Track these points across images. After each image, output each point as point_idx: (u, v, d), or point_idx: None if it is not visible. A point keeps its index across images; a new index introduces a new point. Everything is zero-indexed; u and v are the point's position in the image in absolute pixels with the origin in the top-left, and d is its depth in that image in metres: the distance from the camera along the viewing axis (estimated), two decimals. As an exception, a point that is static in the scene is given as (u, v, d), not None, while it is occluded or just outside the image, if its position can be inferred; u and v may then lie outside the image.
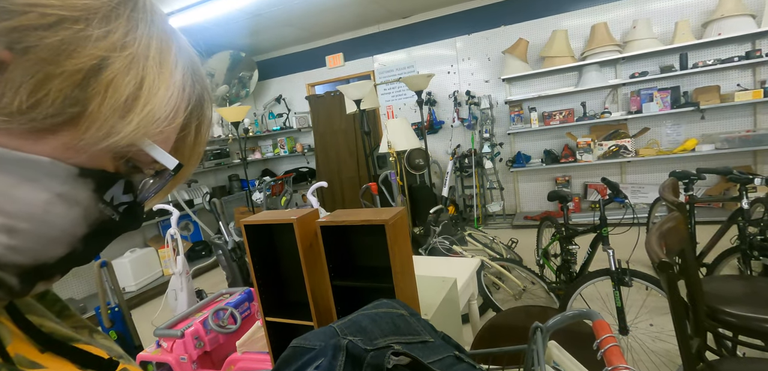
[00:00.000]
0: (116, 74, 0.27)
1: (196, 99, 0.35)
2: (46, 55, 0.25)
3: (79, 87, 0.26)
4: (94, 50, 0.26)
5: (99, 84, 0.27)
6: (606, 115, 4.18)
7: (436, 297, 1.52)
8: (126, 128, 0.28)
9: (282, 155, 6.03)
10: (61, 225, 0.28)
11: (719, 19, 3.67)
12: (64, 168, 0.27)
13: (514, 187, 4.96)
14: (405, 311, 0.76)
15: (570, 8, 4.37)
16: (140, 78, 0.29)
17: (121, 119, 0.28)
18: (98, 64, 0.26)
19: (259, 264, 1.41)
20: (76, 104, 0.26)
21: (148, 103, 0.29)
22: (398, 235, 1.17)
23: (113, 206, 0.31)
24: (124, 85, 0.28)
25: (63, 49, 0.25)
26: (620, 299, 1.88)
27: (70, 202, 0.28)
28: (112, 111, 0.27)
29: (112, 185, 0.30)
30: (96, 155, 0.29)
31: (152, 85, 0.29)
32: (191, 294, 2.98)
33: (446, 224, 2.87)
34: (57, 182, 0.27)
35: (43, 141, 0.26)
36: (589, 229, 2.17)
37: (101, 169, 0.30)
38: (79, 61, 0.26)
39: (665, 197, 1.41)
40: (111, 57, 0.27)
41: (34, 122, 0.25)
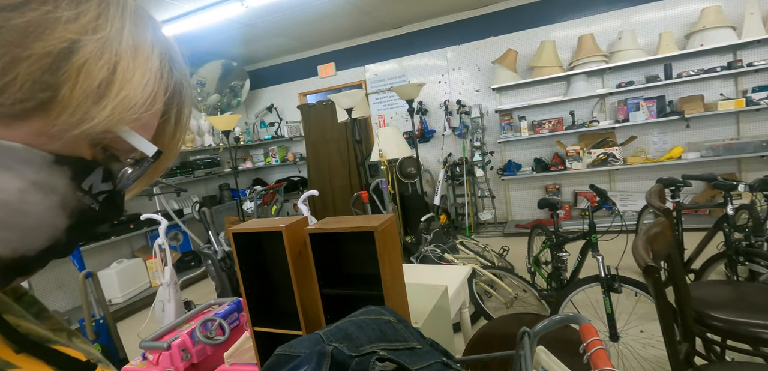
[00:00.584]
0: (88, 58, 0.26)
1: (174, 85, 0.34)
2: (12, 38, 0.24)
3: (49, 71, 0.25)
4: (63, 33, 0.25)
5: (70, 68, 0.26)
6: (594, 124, 4.25)
7: (427, 305, 1.51)
8: (100, 113, 0.27)
9: (273, 164, 6.00)
10: (38, 214, 0.27)
11: (701, 30, 3.77)
12: (38, 155, 0.26)
13: (505, 195, 4.99)
14: (393, 317, 0.75)
15: (558, 20, 4.46)
16: (114, 62, 0.28)
17: (94, 104, 0.27)
18: (68, 47, 0.26)
19: (247, 273, 1.39)
20: (47, 89, 0.25)
21: (122, 88, 0.28)
22: (388, 242, 1.17)
23: (92, 195, 0.30)
24: (96, 70, 0.27)
25: (30, 31, 0.24)
26: (610, 305, 1.89)
27: (45, 190, 0.27)
28: (85, 96, 0.27)
29: (89, 173, 0.30)
30: (71, 142, 0.28)
31: (127, 70, 0.29)
32: (179, 305, 2.93)
33: (437, 232, 2.87)
34: (31, 170, 0.26)
35: (15, 127, 0.26)
36: (578, 236, 2.18)
37: (78, 156, 0.29)
38: (48, 43, 0.25)
39: (652, 204, 1.42)
40: (82, 40, 0.26)
41: (2, 108, 0.25)
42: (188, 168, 4.95)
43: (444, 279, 1.90)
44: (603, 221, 3.73)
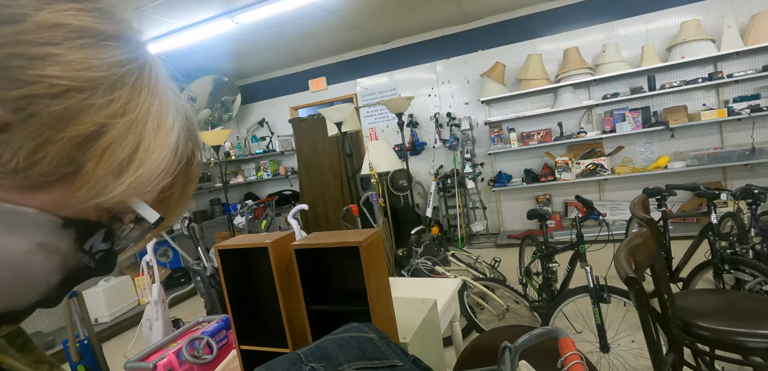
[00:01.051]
0: (114, 139, 0.28)
1: (187, 158, 0.36)
2: (49, 121, 0.25)
3: (77, 149, 0.27)
4: (95, 117, 0.27)
5: (97, 148, 0.27)
6: (582, 134, 4.31)
7: (416, 319, 1.50)
8: (118, 188, 0.29)
9: (265, 178, 5.97)
10: (37, 273, 0.28)
11: (682, 43, 3.87)
12: (49, 219, 0.28)
13: (496, 206, 5.01)
14: (374, 335, 0.74)
15: (543, 33, 4.55)
16: (137, 142, 0.29)
17: (114, 179, 0.29)
18: (98, 130, 0.27)
19: (234, 290, 1.38)
20: (72, 164, 0.27)
21: (141, 165, 0.30)
22: (373, 257, 1.16)
23: (90, 254, 0.31)
24: (120, 149, 0.28)
25: (66, 116, 0.26)
26: (600, 316, 1.89)
27: (49, 251, 0.28)
28: (107, 173, 0.28)
29: (93, 234, 0.31)
30: (82, 208, 0.29)
31: (148, 149, 0.30)
32: (167, 323, 2.88)
33: (428, 244, 2.87)
34: (40, 233, 0.27)
35: (35, 195, 0.27)
36: (567, 247, 2.20)
37: (84, 220, 0.30)
38: (80, 127, 0.26)
39: (635, 214, 1.44)
40: (111, 123, 0.28)
41: (27, 180, 0.26)
42: (178, 184, 4.91)
43: (434, 292, 1.89)
44: (592, 231, 3.76)
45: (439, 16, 4.45)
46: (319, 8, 3.65)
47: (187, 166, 0.36)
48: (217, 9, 3.29)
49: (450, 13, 4.39)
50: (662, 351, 1.06)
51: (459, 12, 4.40)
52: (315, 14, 3.78)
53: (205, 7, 3.24)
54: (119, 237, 0.34)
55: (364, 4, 3.73)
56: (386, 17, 4.23)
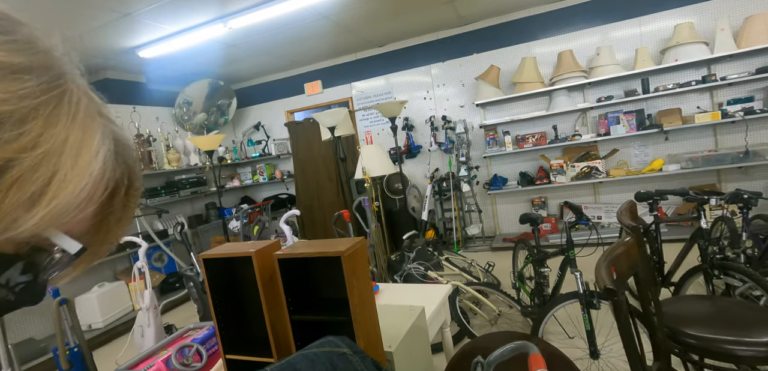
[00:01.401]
0: (23, 173, 0.27)
1: (115, 183, 0.35)
2: None
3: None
4: (1, 153, 0.26)
5: (3, 182, 0.26)
6: (577, 137, 4.31)
7: (402, 327, 1.50)
8: (28, 221, 0.28)
9: (261, 181, 5.97)
10: None
11: (675, 46, 3.87)
12: None
13: (492, 209, 5.01)
14: (348, 349, 0.74)
15: (538, 36, 4.55)
16: (51, 173, 0.28)
17: (25, 212, 0.27)
18: (4, 164, 0.26)
19: (219, 299, 1.37)
20: None
21: (55, 197, 0.28)
22: (356, 266, 1.16)
23: (8, 288, 0.30)
24: (31, 182, 0.27)
25: None
26: (590, 322, 1.89)
27: None
28: (15, 207, 0.27)
29: (8, 267, 0.30)
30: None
31: (63, 180, 0.29)
32: (159, 329, 2.87)
33: (421, 249, 2.86)
34: None
35: None
36: (558, 252, 2.19)
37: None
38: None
39: (621, 221, 1.44)
40: (19, 157, 0.27)
41: None
42: (174, 188, 4.90)
43: (423, 298, 1.89)
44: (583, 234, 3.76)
45: (434, 19, 4.45)
46: (313, 12, 3.65)
47: (115, 191, 0.35)
48: (209, 14, 3.29)
49: (445, 16, 4.40)
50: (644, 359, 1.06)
51: (454, 15, 4.41)
52: (309, 18, 3.78)
53: (197, 13, 3.24)
54: (45, 267, 0.32)
55: (359, 7, 3.73)
56: (381, 21, 4.23)
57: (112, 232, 0.37)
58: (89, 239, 0.35)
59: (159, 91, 5.20)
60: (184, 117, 5.45)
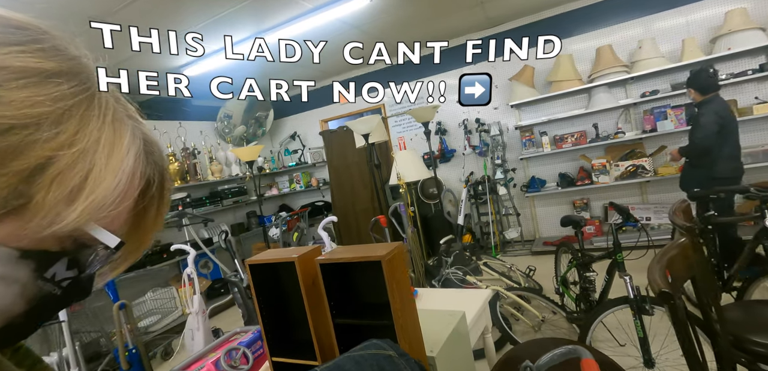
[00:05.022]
0: (62, 169, 0.29)
1: (147, 180, 0.37)
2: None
3: (24, 182, 0.28)
4: (41, 151, 0.28)
5: (44, 179, 0.28)
6: (620, 135, 4.11)
7: (443, 332, 1.49)
8: (70, 215, 0.29)
9: (298, 189, 6.13)
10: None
11: (727, 34, 3.61)
12: (5, 252, 0.28)
13: (531, 212, 4.87)
14: (393, 352, 0.75)
15: (573, 33, 4.40)
16: (87, 170, 0.30)
17: (66, 207, 0.29)
18: (45, 162, 0.28)
19: (265, 303, 1.42)
20: (21, 197, 0.28)
21: (92, 192, 0.30)
22: (396, 270, 1.17)
23: (54, 282, 0.32)
24: (69, 179, 0.29)
25: (10, 152, 0.27)
26: (642, 328, 1.79)
27: (8, 282, 0.29)
28: (57, 202, 0.29)
29: (54, 263, 0.32)
30: (39, 238, 0.30)
31: (99, 175, 0.31)
32: (208, 333, 3.01)
33: (458, 253, 2.83)
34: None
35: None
36: (604, 255, 2.10)
37: (43, 250, 0.31)
38: (26, 161, 0.27)
39: (674, 222, 1.36)
40: (58, 155, 0.29)
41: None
42: (217, 198, 5.15)
43: (463, 303, 1.86)
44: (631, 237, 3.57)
45: (463, 22, 4.42)
46: (344, 24, 3.74)
47: (147, 188, 0.37)
48: (247, 31, 3.45)
49: (475, 18, 4.36)
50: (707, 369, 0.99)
51: (483, 17, 4.36)
52: (341, 29, 3.87)
53: (235, 31, 3.41)
54: (89, 263, 0.34)
55: (389, 17, 3.78)
56: (412, 28, 4.25)
57: (147, 229, 0.39)
58: (127, 236, 0.36)
59: (202, 106, 5.49)
60: (225, 130, 5.72)
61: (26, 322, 0.32)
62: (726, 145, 2.80)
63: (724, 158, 2.80)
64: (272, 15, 3.25)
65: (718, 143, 2.79)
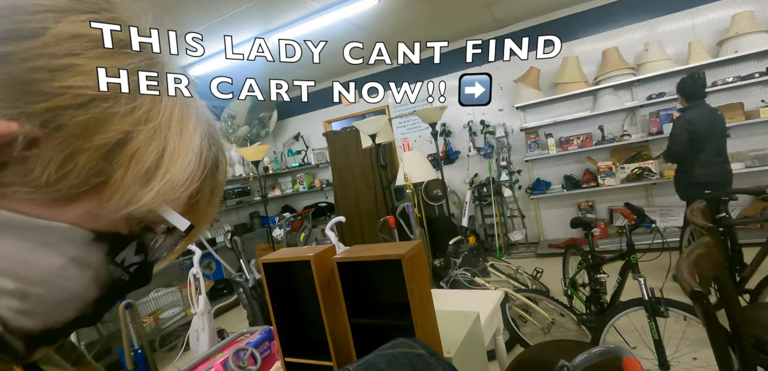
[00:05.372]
0: (139, 146, 0.28)
1: (211, 162, 0.36)
2: (76, 132, 0.26)
3: (105, 159, 0.27)
4: (120, 125, 0.27)
5: (124, 156, 0.28)
6: (626, 137, 4.10)
7: (459, 333, 1.47)
8: (146, 195, 0.29)
9: (301, 190, 6.12)
10: (71, 289, 0.28)
11: (734, 37, 3.61)
12: (80, 233, 0.28)
13: (535, 214, 4.85)
14: (423, 350, 0.73)
15: (579, 35, 4.39)
16: (162, 148, 0.29)
17: (142, 187, 0.29)
18: (124, 138, 0.27)
19: (277, 303, 1.40)
20: (101, 175, 0.27)
21: (168, 171, 0.30)
22: (415, 269, 1.15)
23: (123, 267, 0.31)
24: (146, 156, 0.29)
25: (92, 125, 0.26)
26: (657, 331, 1.77)
27: (82, 265, 0.28)
28: (134, 181, 0.28)
29: (124, 247, 0.31)
30: (113, 220, 0.29)
31: (173, 154, 0.30)
32: (213, 333, 2.99)
33: (467, 255, 2.81)
34: (72, 247, 0.28)
35: (66, 209, 0.27)
36: (616, 256, 2.08)
37: (116, 232, 0.30)
38: (107, 136, 0.27)
39: (694, 222, 1.35)
40: (135, 130, 0.28)
41: (59, 193, 0.26)
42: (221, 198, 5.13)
43: (475, 304, 1.85)
44: (642, 238, 3.55)
45: (470, 24, 4.42)
46: (350, 24, 3.73)
47: (212, 171, 0.36)
48: (254, 31, 3.44)
49: (482, 20, 4.35)
50: (734, 370, 0.98)
51: (490, 19, 4.35)
52: (347, 30, 3.86)
53: (243, 30, 3.40)
54: (152, 248, 0.33)
55: (395, 18, 3.77)
56: (418, 29, 4.24)
57: (204, 213, 0.38)
58: (191, 218, 0.35)
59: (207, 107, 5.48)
60: (228, 130, 5.71)
61: (95, 310, 0.31)
62: (702, 151, 2.88)
63: (699, 164, 2.90)
64: (280, 14, 3.25)
65: (693, 150, 2.89)
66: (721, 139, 2.91)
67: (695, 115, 2.89)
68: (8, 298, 0.26)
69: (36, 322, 0.28)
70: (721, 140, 2.90)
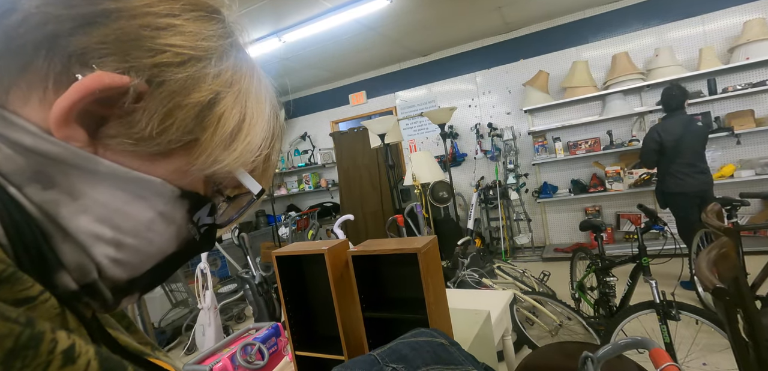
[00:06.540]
0: (226, 108, 0.30)
1: (276, 132, 0.37)
2: (176, 88, 0.27)
3: (197, 118, 0.28)
4: (211, 86, 0.29)
5: (213, 116, 0.29)
6: (634, 142, 4.08)
7: (470, 332, 1.47)
8: (229, 157, 0.30)
9: (307, 190, 6.13)
10: (157, 242, 0.30)
11: (746, 43, 3.59)
12: (169, 189, 0.29)
13: (542, 218, 4.83)
14: (445, 340, 0.73)
15: (589, 40, 4.39)
16: (243, 112, 0.31)
17: (225, 149, 0.30)
18: (213, 98, 0.29)
19: (289, 297, 1.41)
20: (192, 133, 0.29)
21: (248, 134, 0.31)
22: (430, 264, 1.15)
23: (198, 227, 0.33)
24: (231, 118, 0.30)
25: (189, 84, 0.28)
26: (668, 334, 1.76)
27: (168, 220, 0.30)
28: (220, 141, 0.30)
29: (201, 207, 0.32)
30: (195, 180, 0.31)
31: (252, 119, 0.32)
32: (219, 329, 3.00)
33: (474, 256, 2.81)
34: (162, 202, 0.29)
35: (158, 164, 0.29)
36: (627, 260, 2.07)
37: (196, 192, 0.32)
38: (200, 95, 0.28)
39: (710, 224, 1.34)
40: (222, 92, 0.29)
41: (158, 147, 0.28)
42: (226, 196, 5.15)
43: (484, 304, 1.84)
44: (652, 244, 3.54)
45: (480, 27, 4.42)
46: (360, 25, 3.74)
47: (274, 142, 0.37)
48: (266, 29, 3.47)
49: (491, 23, 4.36)
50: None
51: (501, 22, 4.36)
52: (356, 31, 3.88)
53: (255, 29, 3.42)
54: (219, 212, 0.35)
55: (405, 19, 3.78)
56: (427, 31, 4.26)
57: (261, 182, 0.38)
58: None
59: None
60: (236, 129, 5.73)
61: (168, 267, 0.32)
62: (672, 162, 2.93)
63: (669, 173, 2.96)
64: (291, 13, 3.26)
65: (665, 160, 2.96)
66: (698, 149, 2.93)
67: (667, 125, 2.95)
68: (106, 245, 0.27)
69: (124, 272, 0.29)
70: (697, 150, 2.93)
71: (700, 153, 2.94)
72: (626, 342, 0.63)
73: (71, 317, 0.25)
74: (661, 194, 3.11)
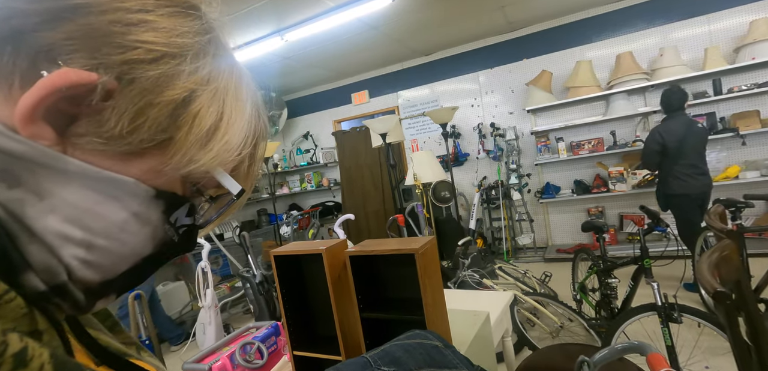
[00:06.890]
0: (202, 106, 0.29)
1: (258, 132, 0.36)
2: (148, 86, 0.27)
3: (171, 116, 0.28)
4: (186, 84, 0.28)
5: (187, 115, 0.29)
6: (638, 143, 4.05)
7: (468, 333, 1.46)
8: (206, 156, 0.30)
9: (309, 189, 6.13)
10: (131, 244, 0.29)
11: (752, 43, 3.55)
12: (143, 189, 0.29)
13: (544, 219, 4.81)
14: (439, 342, 0.72)
15: (593, 39, 4.36)
16: (220, 111, 0.30)
17: (201, 148, 0.30)
18: (188, 96, 0.28)
19: (287, 296, 1.40)
20: (166, 132, 0.28)
21: (226, 133, 0.31)
22: (428, 265, 1.14)
23: (175, 228, 0.32)
24: (207, 117, 0.30)
25: (162, 81, 0.27)
26: (670, 337, 1.74)
27: (143, 221, 0.29)
28: (196, 140, 0.29)
29: (179, 207, 0.32)
30: (171, 179, 0.30)
31: (230, 117, 0.31)
32: (219, 328, 3.00)
33: (475, 256, 2.80)
34: (136, 202, 0.28)
35: (131, 164, 0.28)
36: (629, 261, 2.05)
37: (173, 192, 0.31)
38: (174, 93, 0.28)
39: (713, 225, 1.32)
40: (198, 90, 0.29)
41: (129, 146, 0.27)
42: (228, 195, 5.16)
43: (484, 305, 1.83)
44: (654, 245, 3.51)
45: (483, 26, 4.40)
46: (362, 24, 3.73)
47: (256, 141, 0.36)
48: (268, 28, 3.46)
49: (494, 22, 4.33)
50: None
51: (504, 21, 4.33)
52: (359, 30, 3.87)
53: (257, 27, 3.42)
54: (200, 213, 0.34)
55: (409, 18, 3.77)
56: (430, 30, 4.24)
57: (244, 183, 0.38)
58: None
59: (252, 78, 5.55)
60: (238, 128, 5.74)
61: (145, 268, 0.31)
62: (675, 163, 2.91)
63: (672, 175, 2.93)
64: (293, 12, 3.26)
65: (667, 161, 2.94)
66: (700, 150, 2.92)
67: (669, 127, 2.93)
68: (75, 247, 0.27)
69: (96, 274, 0.28)
70: (699, 151, 2.92)
71: (701, 154, 2.92)
72: (624, 346, 0.62)
73: (41, 318, 0.25)
74: (663, 197, 3.08)
